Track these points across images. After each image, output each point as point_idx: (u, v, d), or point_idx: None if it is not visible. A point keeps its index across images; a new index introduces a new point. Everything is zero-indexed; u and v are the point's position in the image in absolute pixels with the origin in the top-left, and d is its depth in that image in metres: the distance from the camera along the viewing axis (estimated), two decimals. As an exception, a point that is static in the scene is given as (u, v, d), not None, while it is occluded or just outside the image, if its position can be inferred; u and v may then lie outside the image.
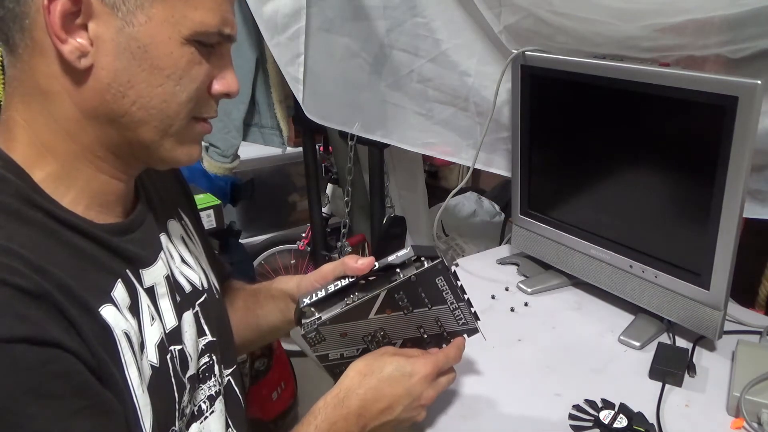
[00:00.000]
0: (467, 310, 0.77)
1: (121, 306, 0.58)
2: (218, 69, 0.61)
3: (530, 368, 0.95)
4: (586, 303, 1.13)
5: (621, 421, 0.81)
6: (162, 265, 0.66)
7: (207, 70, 0.60)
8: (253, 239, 2.63)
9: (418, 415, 0.74)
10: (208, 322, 0.73)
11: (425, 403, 0.73)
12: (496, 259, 1.30)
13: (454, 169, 3.06)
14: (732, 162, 0.83)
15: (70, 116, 0.56)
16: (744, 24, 0.88)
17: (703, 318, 0.94)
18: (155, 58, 0.56)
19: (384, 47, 1.31)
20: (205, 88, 0.61)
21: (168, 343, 0.64)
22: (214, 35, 0.58)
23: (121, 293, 0.58)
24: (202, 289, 0.74)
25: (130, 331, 0.58)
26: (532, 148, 1.14)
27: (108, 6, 0.53)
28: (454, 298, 0.75)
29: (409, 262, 0.75)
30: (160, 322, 0.64)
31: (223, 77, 0.62)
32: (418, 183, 1.90)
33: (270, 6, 1.33)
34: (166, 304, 0.65)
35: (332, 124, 1.48)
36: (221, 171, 1.64)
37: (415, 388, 0.72)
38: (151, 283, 0.64)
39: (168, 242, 0.71)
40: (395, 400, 0.71)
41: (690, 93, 0.85)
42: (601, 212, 1.07)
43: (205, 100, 0.62)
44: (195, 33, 0.57)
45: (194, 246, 0.78)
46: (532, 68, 1.07)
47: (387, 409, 0.70)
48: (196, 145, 0.65)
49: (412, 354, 0.75)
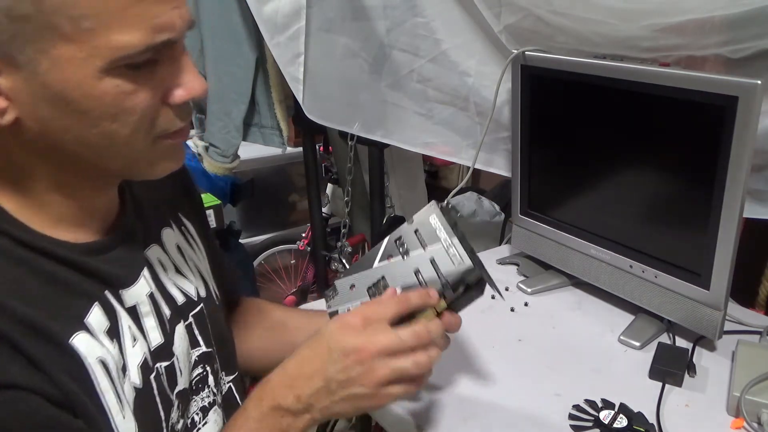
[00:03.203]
0: (462, 247, 0.70)
1: (96, 331, 0.56)
2: (172, 76, 0.54)
3: (530, 368, 0.95)
4: (586, 303, 1.13)
5: (621, 421, 0.81)
6: (144, 284, 0.63)
7: (147, 95, 0.52)
8: (253, 239, 2.64)
9: (375, 393, 0.62)
10: (202, 332, 0.71)
11: (378, 380, 0.61)
12: (496, 259, 1.30)
13: (454, 169, 3.06)
14: (732, 162, 0.83)
15: (24, 159, 0.54)
16: (744, 24, 0.88)
17: (703, 318, 0.94)
18: (75, 102, 0.50)
19: (384, 47, 1.31)
20: (154, 111, 0.54)
21: (153, 361, 0.62)
22: (143, 53, 0.50)
23: (97, 317, 0.57)
24: (197, 299, 0.72)
25: (107, 357, 0.56)
26: (532, 148, 1.14)
27: (5, 59, 0.48)
28: (447, 234, 0.71)
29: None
30: (144, 341, 0.62)
31: (181, 83, 0.55)
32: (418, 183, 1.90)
33: (270, 6, 1.33)
34: (150, 322, 0.63)
35: (332, 124, 1.48)
36: (221, 171, 1.64)
37: (341, 362, 0.61)
38: (133, 303, 0.62)
39: (161, 252, 0.69)
40: (320, 367, 0.62)
41: (690, 93, 0.85)
42: (601, 212, 1.07)
43: (165, 116, 0.55)
44: (114, 61, 0.49)
45: (195, 252, 0.76)
46: (532, 68, 1.07)
47: (313, 376, 0.62)
48: (173, 158, 0.60)
49: (372, 323, 0.64)
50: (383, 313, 0.63)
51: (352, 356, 0.61)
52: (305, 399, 0.62)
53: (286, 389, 0.63)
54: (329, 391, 0.61)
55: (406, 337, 0.62)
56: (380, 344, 0.61)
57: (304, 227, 2.27)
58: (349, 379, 0.61)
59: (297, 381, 0.63)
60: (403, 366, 0.62)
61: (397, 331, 0.63)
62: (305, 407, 0.62)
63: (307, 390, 0.62)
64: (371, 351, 0.61)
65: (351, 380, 0.61)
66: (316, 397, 0.62)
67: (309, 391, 0.62)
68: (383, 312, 0.64)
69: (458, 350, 0.97)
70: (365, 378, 0.61)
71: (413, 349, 0.63)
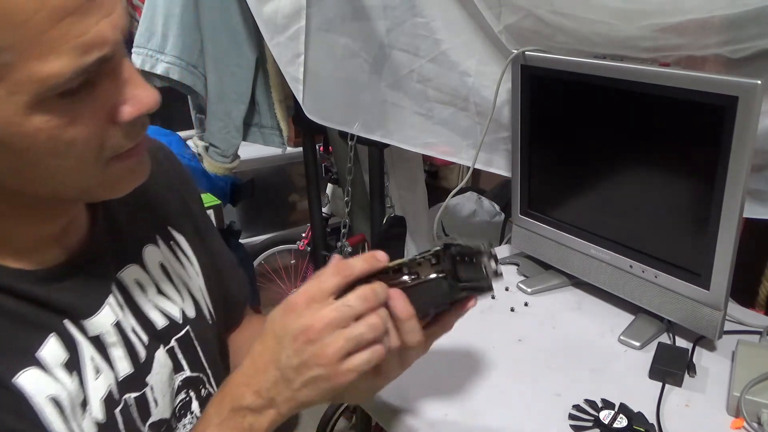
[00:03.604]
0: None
1: (51, 365, 0.53)
2: (116, 93, 0.49)
3: (530, 368, 0.95)
4: (586, 303, 1.13)
5: (621, 421, 0.81)
6: (109, 313, 0.59)
7: (88, 121, 0.47)
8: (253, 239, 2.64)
9: (335, 371, 0.55)
10: (187, 356, 0.68)
11: (333, 356, 0.55)
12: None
13: (454, 169, 3.06)
14: (732, 162, 0.83)
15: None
16: (744, 24, 0.88)
17: (703, 318, 0.94)
18: (8, 143, 0.45)
19: (384, 47, 1.31)
20: (99, 135, 0.49)
21: (121, 393, 0.59)
22: (74, 79, 0.44)
23: (52, 350, 0.53)
24: (182, 321, 0.68)
25: (61, 394, 0.53)
26: (532, 148, 1.14)
27: None
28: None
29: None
30: (111, 371, 0.58)
31: (127, 98, 0.49)
32: (418, 183, 1.90)
33: (270, 6, 1.33)
34: (118, 351, 0.59)
35: (332, 124, 1.48)
36: (221, 171, 1.64)
37: (291, 347, 0.56)
38: (97, 333, 0.58)
39: (141, 273, 0.65)
40: (272, 357, 0.57)
41: (690, 93, 0.85)
42: (601, 212, 1.07)
43: (115, 137, 0.50)
44: (41, 94, 0.44)
45: (185, 269, 0.72)
46: (532, 68, 1.07)
47: (268, 369, 0.58)
48: (132, 178, 0.56)
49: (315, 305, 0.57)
50: (325, 286, 0.57)
51: (300, 338, 0.55)
52: (265, 393, 0.57)
53: (243, 387, 0.58)
54: (287, 381, 0.56)
55: (352, 302, 0.56)
56: (327, 318, 0.55)
57: (304, 227, 2.27)
58: (303, 363, 0.55)
59: (253, 377, 0.58)
60: (356, 332, 0.55)
61: (342, 299, 0.56)
62: (267, 402, 0.57)
63: (264, 383, 0.57)
64: (318, 328, 0.55)
65: (305, 364, 0.55)
66: (275, 389, 0.57)
67: (266, 384, 0.57)
68: (325, 285, 0.57)
69: (458, 350, 0.97)
70: (319, 357, 0.55)
71: (362, 314, 0.56)
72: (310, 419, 2.01)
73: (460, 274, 0.61)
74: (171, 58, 1.47)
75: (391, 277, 0.60)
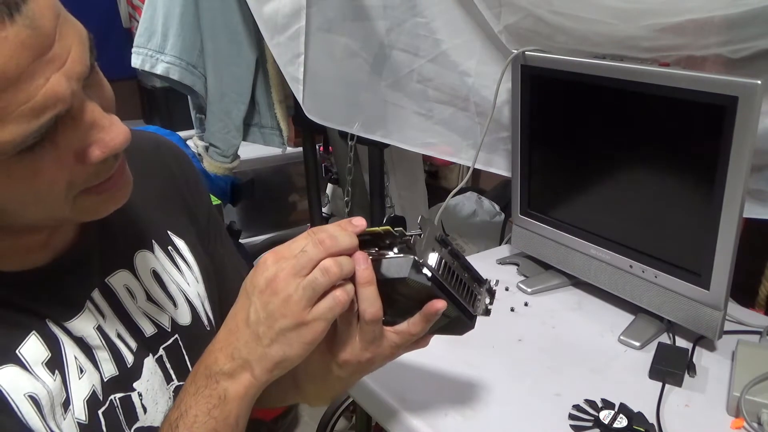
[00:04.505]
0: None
1: (31, 363, 0.52)
2: (81, 138, 0.47)
3: (530, 368, 0.95)
4: (586, 303, 1.13)
5: (621, 421, 0.81)
6: (89, 317, 0.58)
7: (50, 170, 0.46)
8: (253, 239, 2.63)
9: (302, 320, 0.54)
10: (176, 366, 0.66)
11: (297, 305, 0.54)
12: (496, 259, 1.29)
13: (454, 169, 3.06)
14: (732, 162, 0.83)
15: None
16: (744, 24, 0.88)
17: (703, 318, 0.93)
18: None
19: (384, 47, 1.31)
20: (66, 178, 0.48)
21: (106, 394, 0.58)
22: (28, 141, 0.43)
23: (33, 348, 0.53)
24: (171, 329, 0.66)
25: (40, 392, 0.52)
26: (532, 148, 1.14)
27: None
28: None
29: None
30: (97, 371, 0.58)
31: (93, 141, 0.48)
32: (418, 183, 1.90)
33: (270, 6, 1.33)
34: (103, 354, 0.59)
35: (332, 124, 1.48)
36: (221, 171, 1.64)
37: (258, 301, 0.55)
38: (80, 335, 0.57)
39: (131, 278, 0.64)
40: (243, 317, 0.57)
41: (690, 93, 0.85)
42: (601, 212, 1.07)
43: (83, 175, 0.49)
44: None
45: (183, 274, 0.70)
46: (532, 68, 1.07)
47: (239, 328, 0.57)
48: (105, 207, 0.54)
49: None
50: (295, 245, 0.56)
51: (266, 291, 0.55)
52: (237, 354, 0.55)
53: (217, 353, 0.57)
54: (257, 337, 0.55)
55: (308, 249, 0.55)
56: (288, 268, 0.54)
57: (304, 227, 2.27)
58: (270, 315, 0.54)
59: (226, 340, 0.57)
60: (311, 277, 0.54)
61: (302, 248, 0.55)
62: (241, 364, 0.55)
63: (237, 343, 0.56)
64: (281, 277, 0.54)
65: (271, 315, 0.54)
66: (246, 349, 0.55)
67: (238, 344, 0.55)
68: (294, 244, 0.57)
69: (458, 350, 0.97)
70: (284, 307, 0.54)
71: (320, 260, 0.55)
72: (310, 419, 2.01)
73: (446, 278, 0.59)
74: (171, 58, 1.47)
75: (373, 243, 0.59)
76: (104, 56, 0.50)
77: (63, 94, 0.43)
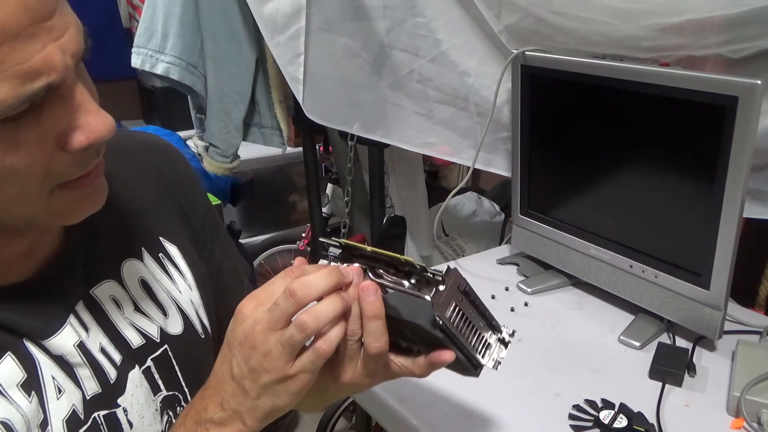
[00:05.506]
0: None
1: (5, 387, 0.51)
2: (65, 119, 0.46)
3: (530, 368, 0.95)
4: (586, 303, 1.13)
5: (621, 421, 0.81)
6: (70, 333, 0.56)
7: (32, 148, 0.45)
8: (253, 239, 2.63)
9: (286, 375, 0.52)
10: (165, 376, 0.64)
11: (278, 360, 0.52)
12: (496, 259, 1.30)
13: (454, 169, 3.06)
14: (732, 162, 0.83)
15: None
16: (744, 24, 0.88)
17: (703, 318, 0.94)
18: None
19: (384, 47, 1.31)
20: (45, 162, 0.46)
21: (88, 412, 0.56)
22: (16, 107, 0.42)
23: (8, 370, 0.51)
24: (160, 339, 0.64)
25: (13, 418, 0.50)
26: (532, 148, 1.14)
27: None
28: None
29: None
30: (78, 389, 0.56)
31: (77, 125, 0.46)
32: (418, 183, 1.90)
33: (270, 6, 1.33)
34: (85, 371, 0.57)
35: (332, 124, 1.48)
36: (221, 171, 1.64)
37: (239, 355, 0.53)
38: (60, 353, 0.55)
39: (118, 289, 0.62)
40: (228, 368, 0.55)
41: (690, 93, 0.85)
42: (601, 212, 1.07)
43: (62, 163, 0.47)
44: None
45: (175, 282, 0.68)
46: (532, 68, 1.07)
47: (225, 379, 0.55)
48: (81, 209, 0.52)
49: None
50: (272, 288, 0.54)
51: (245, 345, 0.52)
52: (227, 405, 0.54)
53: (207, 399, 0.56)
54: (244, 390, 0.53)
55: (280, 302, 0.52)
56: (263, 322, 0.52)
57: (304, 227, 2.27)
58: (253, 370, 0.52)
59: (215, 388, 0.55)
60: (287, 335, 0.51)
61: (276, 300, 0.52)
62: (232, 414, 0.54)
63: (225, 395, 0.54)
64: (258, 331, 0.52)
65: (254, 371, 0.52)
66: (235, 400, 0.54)
67: (226, 395, 0.54)
68: (272, 287, 0.54)
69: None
70: (266, 362, 0.52)
71: (293, 313, 0.52)
72: (310, 419, 2.01)
73: (459, 329, 0.57)
74: (171, 58, 1.47)
75: (383, 271, 0.57)
76: (104, 56, 0.50)
77: (57, 64, 0.43)
